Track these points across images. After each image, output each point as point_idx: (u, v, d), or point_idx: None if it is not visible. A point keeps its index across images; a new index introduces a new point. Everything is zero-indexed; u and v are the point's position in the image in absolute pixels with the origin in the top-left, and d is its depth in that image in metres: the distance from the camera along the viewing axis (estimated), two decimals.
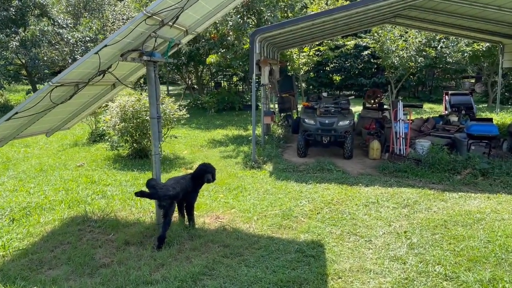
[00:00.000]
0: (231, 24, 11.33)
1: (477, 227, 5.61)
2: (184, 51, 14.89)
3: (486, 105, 21.85)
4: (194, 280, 4.24)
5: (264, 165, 9.43)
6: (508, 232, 5.36)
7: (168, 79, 26.99)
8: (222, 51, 12.44)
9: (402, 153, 9.69)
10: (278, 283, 4.13)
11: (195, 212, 5.83)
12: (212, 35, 12.45)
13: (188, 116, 10.18)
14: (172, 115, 9.71)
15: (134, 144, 10.02)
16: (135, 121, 9.48)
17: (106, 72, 4.99)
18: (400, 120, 10.01)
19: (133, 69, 6.06)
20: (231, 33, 11.77)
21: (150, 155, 9.94)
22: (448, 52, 20.04)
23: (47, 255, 4.91)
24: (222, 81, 28.55)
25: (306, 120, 10.32)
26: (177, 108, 9.94)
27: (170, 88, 29.88)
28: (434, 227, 5.66)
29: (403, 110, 10.19)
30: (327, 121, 10.05)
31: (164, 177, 8.28)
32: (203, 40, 14.65)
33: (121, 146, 10.38)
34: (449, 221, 5.85)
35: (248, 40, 11.03)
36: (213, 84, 27.98)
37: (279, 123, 14.61)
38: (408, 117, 10.39)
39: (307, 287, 4.08)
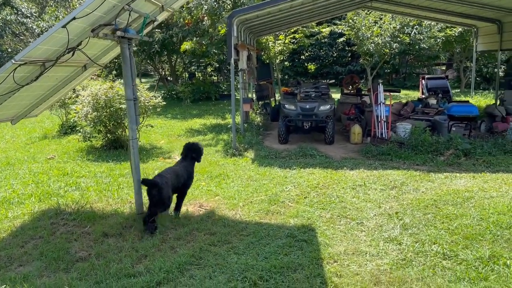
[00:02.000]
0: (206, 8, 10.91)
1: (468, 206, 5.52)
2: (157, 38, 14.34)
3: (458, 90, 22.24)
4: (180, 270, 3.93)
5: (246, 153, 9.15)
6: (499, 209, 5.28)
7: (141, 70, 26.20)
8: (197, 38, 12.01)
9: (384, 136, 9.60)
10: (272, 269, 3.87)
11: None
12: (186, 21, 11.98)
13: (164, 103, 9.76)
14: (148, 102, 9.27)
15: (108, 135, 9.54)
16: (108, 110, 9.00)
17: (76, 49, 4.57)
18: (381, 104, 9.92)
19: (105, 48, 5.63)
20: (206, 18, 11.35)
21: (127, 144, 9.55)
22: (422, 38, 20.18)
23: (16, 251, 4.49)
24: (196, 72, 27.97)
25: (286, 106, 10.08)
26: (153, 96, 9.49)
27: (143, 80, 29.08)
28: (424, 207, 5.53)
29: (383, 94, 10.10)
30: (308, 106, 9.85)
31: (141, 167, 7.91)
32: (176, 28, 14.15)
33: (94, 137, 9.88)
34: (439, 201, 5.74)
35: (225, 25, 10.66)
36: (187, 75, 27.38)
37: (257, 111, 14.33)
38: (388, 101, 10.31)
39: (302, 272, 3.84)
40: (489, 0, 10.60)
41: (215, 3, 10.75)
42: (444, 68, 29.20)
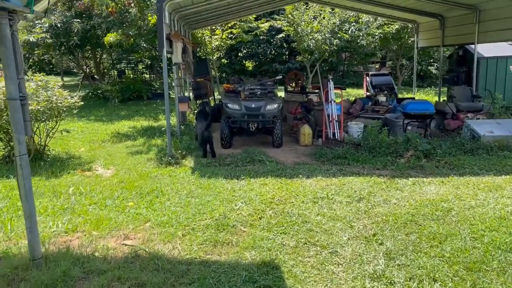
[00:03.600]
0: None
1: (451, 220, 4.69)
2: (76, 29, 12.42)
3: (396, 87, 22.39)
4: None
5: (184, 160, 7.82)
6: (488, 224, 4.50)
7: (62, 67, 23.56)
8: (124, 28, 10.40)
9: (336, 137, 8.76)
10: None
11: (94, 232, 4.11)
12: (110, 9, 10.33)
13: (82, 103, 8.12)
14: (61, 103, 7.59)
15: (11, 143, 7.71)
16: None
17: None
18: (332, 102, 9.06)
19: None
20: (132, 4, 9.80)
21: (36, 155, 7.79)
22: (361, 34, 19.95)
23: None
24: (126, 70, 25.80)
25: (229, 105, 8.88)
26: (68, 96, 7.82)
27: (66, 79, 26.29)
28: (403, 224, 4.62)
29: (333, 92, 9.27)
30: (253, 105, 8.71)
31: (52, 183, 6.32)
32: (98, 18, 12.35)
33: None
34: (416, 215, 4.86)
35: (155, 14, 9.18)
36: (115, 72, 25.12)
37: (195, 111, 12.98)
38: (340, 99, 9.51)
39: None
40: None
41: None
42: (377, 65, 29.65)
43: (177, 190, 5.98)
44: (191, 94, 13.65)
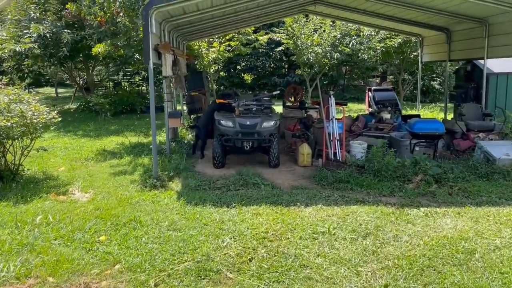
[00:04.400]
0: (120, 0, 8.77)
1: (476, 266, 3.97)
2: (65, 40, 11.79)
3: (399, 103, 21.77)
4: None
5: (170, 183, 7.11)
6: None
7: (56, 79, 22.95)
8: (112, 39, 9.78)
9: (338, 157, 8.06)
10: None
11: (50, 279, 3.39)
12: (98, 19, 9.73)
13: (59, 119, 7.42)
14: (36, 119, 6.90)
15: None
16: None
17: None
18: (333, 119, 8.39)
19: None
20: (121, 14, 9.19)
21: (7, 175, 7.09)
22: (362, 48, 19.39)
23: None
24: (122, 81, 25.18)
25: (222, 122, 8.21)
26: (46, 110, 7.12)
27: (60, 90, 25.66)
28: (420, 271, 3.89)
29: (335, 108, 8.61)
30: (248, 122, 8.04)
31: (19, 210, 5.59)
32: (90, 29, 11.74)
33: None
34: (434, 258, 4.14)
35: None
36: (111, 84, 24.50)
37: (188, 126, 12.32)
38: (342, 115, 8.83)
39: None
40: (444, 5, 9.58)
41: None
42: (378, 80, 29.07)
43: (158, 220, 5.27)
44: (184, 108, 13.03)
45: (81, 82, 18.97)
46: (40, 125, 7.00)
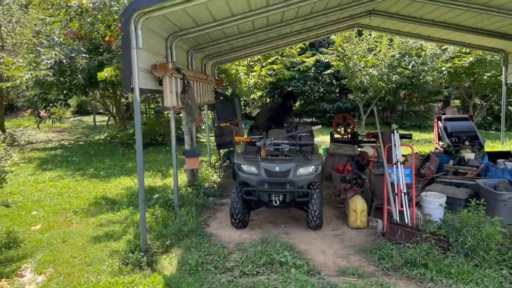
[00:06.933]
0: (118, 9, 7.10)
1: None
2: (80, 67, 10.39)
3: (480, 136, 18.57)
4: None
5: (164, 256, 5.06)
6: None
7: (92, 106, 22.16)
8: (118, 62, 8.18)
9: (406, 220, 5.61)
10: None
11: None
12: (106, 38, 8.19)
13: (19, 163, 5.68)
14: None
15: None
16: None
17: None
18: (399, 164, 5.98)
19: None
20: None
21: None
22: (426, 69, 16.68)
23: None
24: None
25: (243, 167, 6.09)
26: (4, 154, 5.39)
27: (99, 118, 24.85)
28: None
29: (399, 148, 6.20)
30: (278, 169, 5.86)
31: None
32: (107, 53, 10.29)
33: None
34: None
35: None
36: (153, 112, 23.32)
37: (216, 163, 10.36)
38: (409, 159, 6.39)
39: None
40: None
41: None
42: (440, 104, 25.73)
43: None
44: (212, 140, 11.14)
45: (113, 110, 17.78)
46: None
